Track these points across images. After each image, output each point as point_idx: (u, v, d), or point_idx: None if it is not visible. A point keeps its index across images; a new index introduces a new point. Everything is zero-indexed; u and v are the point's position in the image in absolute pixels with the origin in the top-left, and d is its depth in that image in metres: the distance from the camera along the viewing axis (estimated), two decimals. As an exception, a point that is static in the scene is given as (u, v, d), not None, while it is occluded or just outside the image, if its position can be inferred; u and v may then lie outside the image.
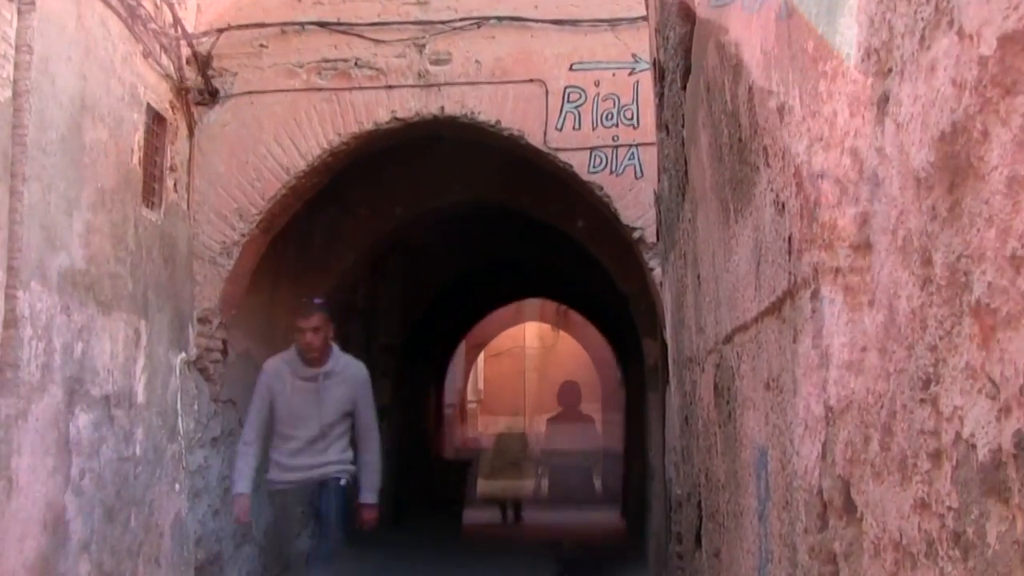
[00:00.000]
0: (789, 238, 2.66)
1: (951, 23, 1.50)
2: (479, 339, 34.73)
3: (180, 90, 10.82)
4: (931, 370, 1.61)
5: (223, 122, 11.28)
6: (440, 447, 28.13)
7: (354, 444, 9.71)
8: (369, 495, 9.65)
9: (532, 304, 33.12)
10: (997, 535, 1.37)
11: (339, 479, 9.55)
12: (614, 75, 11.25)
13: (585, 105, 11.23)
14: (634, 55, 11.17)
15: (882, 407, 1.86)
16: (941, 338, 1.56)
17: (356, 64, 11.36)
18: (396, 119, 11.34)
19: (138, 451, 9.60)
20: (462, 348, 33.09)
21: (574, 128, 11.22)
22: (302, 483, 9.54)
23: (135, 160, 9.67)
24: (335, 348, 9.73)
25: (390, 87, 11.34)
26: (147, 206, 9.96)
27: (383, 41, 11.36)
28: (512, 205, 15.80)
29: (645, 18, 10.12)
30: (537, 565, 16.61)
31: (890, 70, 1.78)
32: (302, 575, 9.94)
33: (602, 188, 11.22)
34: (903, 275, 1.72)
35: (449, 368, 29.88)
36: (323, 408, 9.48)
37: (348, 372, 9.69)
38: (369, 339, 18.94)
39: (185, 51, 10.94)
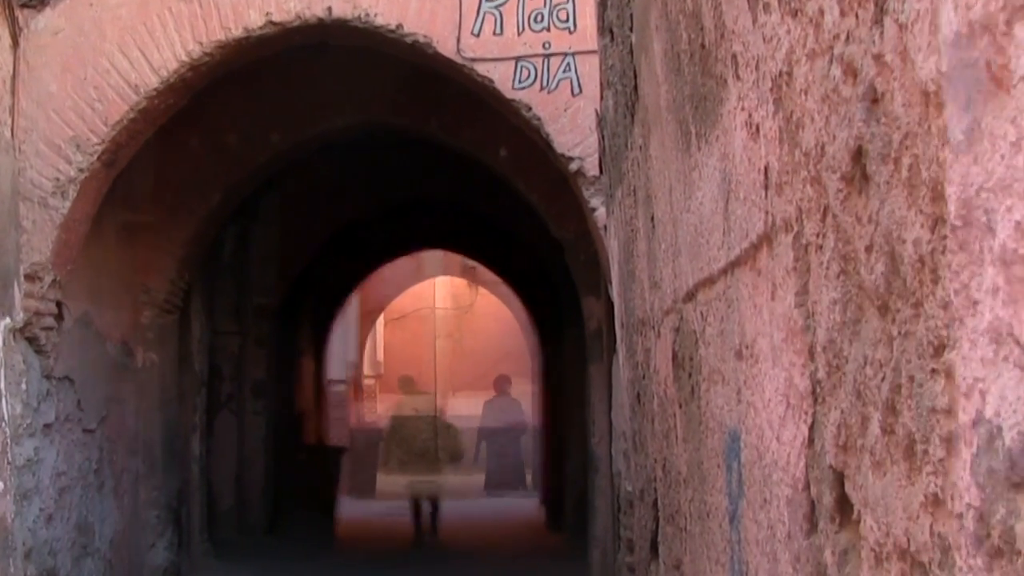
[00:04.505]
0: (765, 169, 2.66)
1: None
2: (378, 301, 34.64)
3: (-1, -12, 10.70)
4: (945, 333, 1.60)
5: (55, 29, 11.14)
6: (324, 433, 27.92)
7: None
8: None
9: (434, 257, 32.82)
10: (1029, 539, 1.37)
11: None
12: (545, -34, 11.24)
13: (508, 5, 11.19)
14: (570, -60, 11.17)
15: (883, 380, 1.85)
16: (957, 292, 1.55)
17: (221, -46, 11.28)
18: (272, 24, 11.25)
19: (-50, 443, 9.53)
20: (355, 311, 32.89)
21: (495, 33, 11.19)
22: None
23: (-58, 77, 9.56)
24: None
25: (264, -17, 11.27)
26: (-42, 134, 9.86)
27: (254, -76, 11.28)
28: (417, 131, 15.80)
29: None
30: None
31: (892, -45, 1.77)
32: None
33: (530, 108, 11.21)
34: (909, 214, 1.71)
35: (333, 333, 29.58)
36: None
37: None
38: (240, 299, 18.88)
39: (4, -63, 10.81)
